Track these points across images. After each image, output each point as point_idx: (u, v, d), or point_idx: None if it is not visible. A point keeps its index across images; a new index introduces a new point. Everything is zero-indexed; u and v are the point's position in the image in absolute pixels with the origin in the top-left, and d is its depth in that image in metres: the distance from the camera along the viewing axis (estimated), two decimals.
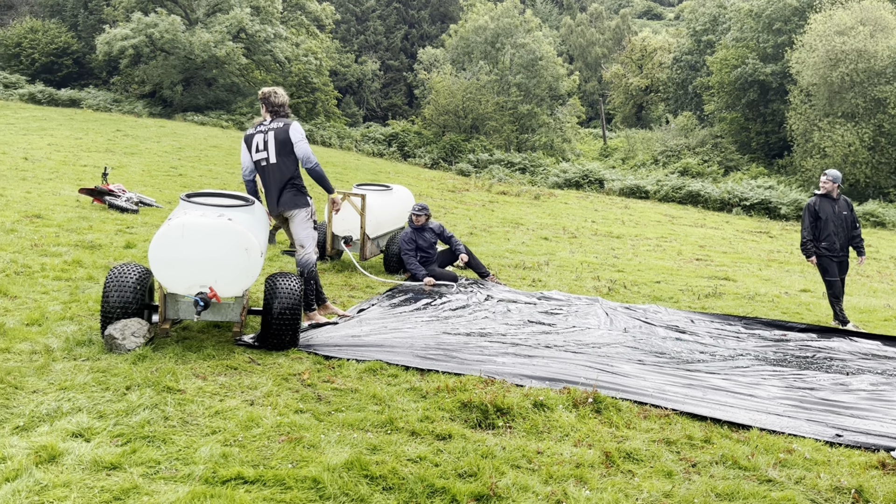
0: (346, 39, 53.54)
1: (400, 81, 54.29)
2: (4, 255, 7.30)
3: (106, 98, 35.80)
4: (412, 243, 8.66)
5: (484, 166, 30.93)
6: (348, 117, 46.84)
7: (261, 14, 38.55)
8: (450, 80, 37.18)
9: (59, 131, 23.86)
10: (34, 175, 14.31)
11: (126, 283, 5.12)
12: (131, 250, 8.51)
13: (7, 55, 38.75)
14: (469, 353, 5.62)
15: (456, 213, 16.78)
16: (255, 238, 5.13)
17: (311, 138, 34.68)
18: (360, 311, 6.82)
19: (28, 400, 3.95)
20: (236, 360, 4.99)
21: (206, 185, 16.46)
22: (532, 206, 20.46)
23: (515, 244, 12.70)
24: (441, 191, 22.19)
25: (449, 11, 57.16)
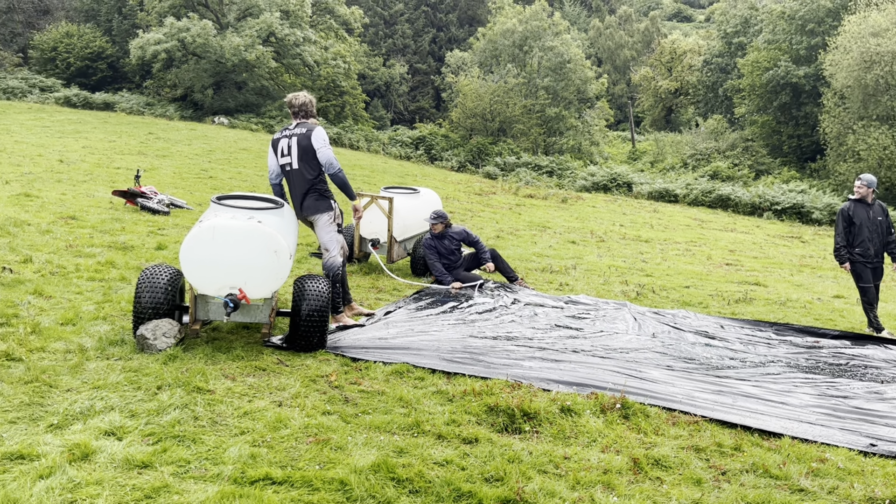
0: (374, 43, 53.83)
1: (427, 85, 54.42)
2: (40, 256, 7.45)
3: (139, 101, 36.38)
4: (433, 250, 8.66)
5: (511, 169, 30.86)
6: (376, 120, 47.07)
7: (290, 18, 38.92)
8: (477, 83, 37.17)
9: (94, 134, 24.31)
10: (69, 177, 14.59)
11: (157, 284, 5.20)
12: (163, 252, 8.63)
13: (43, 59, 39.58)
14: (495, 357, 5.61)
15: (483, 217, 16.77)
16: (284, 240, 5.17)
17: (339, 141, 34.91)
18: (386, 313, 6.85)
19: (62, 398, 4.03)
20: (265, 361, 5.03)
21: (235, 187, 16.66)
22: (559, 210, 20.37)
23: (542, 248, 12.65)
24: (468, 194, 22.18)
25: (477, 15, 57.19)
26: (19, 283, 6.36)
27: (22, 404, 3.89)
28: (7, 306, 5.61)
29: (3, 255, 7.26)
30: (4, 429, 3.58)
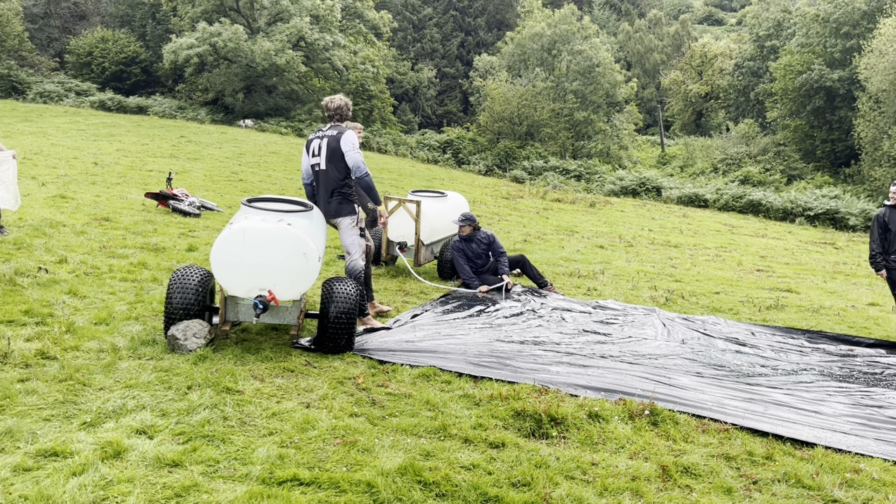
0: (402, 47, 54.05)
1: (455, 88, 54.50)
2: (75, 257, 7.59)
3: (171, 105, 36.94)
4: (461, 253, 8.64)
5: (539, 173, 30.77)
6: (404, 124, 47.25)
7: (320, 23, 39.26)
8: (505, 86, 37.13)
9: (127, 137, 24.73)
10: (103, 179, 14.86)
11: (188, 286, 5.26)
12: (193, 253, 8.74)
13: (79, 64, 40.38)
14: (523, 362, 5.59)
15: (510, 220, 16.73)
16: (313, 243, 5.21)
17: (367, 145, 35.08)
18: (413, 316, 6.86)
19: (95, 397, 4.10)
20: (293, 362, 5.07)
21: (265, 190, 16.82)
22: (587, 214, 20.25)
23: (570, 252, 12.58)
24: (495, 198, 22.16)
25: (505, 19, 57.14)
26: (54, 283, 6.49)
27: (56, 402, 3.96)
28: (42, 306, 5.72)
29: (40, 256, 7.41)
30: (39, 426, 3.65)
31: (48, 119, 27.29)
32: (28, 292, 6.07)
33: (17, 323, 5.24)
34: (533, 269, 8.96)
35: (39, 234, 8.52)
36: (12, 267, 6.69)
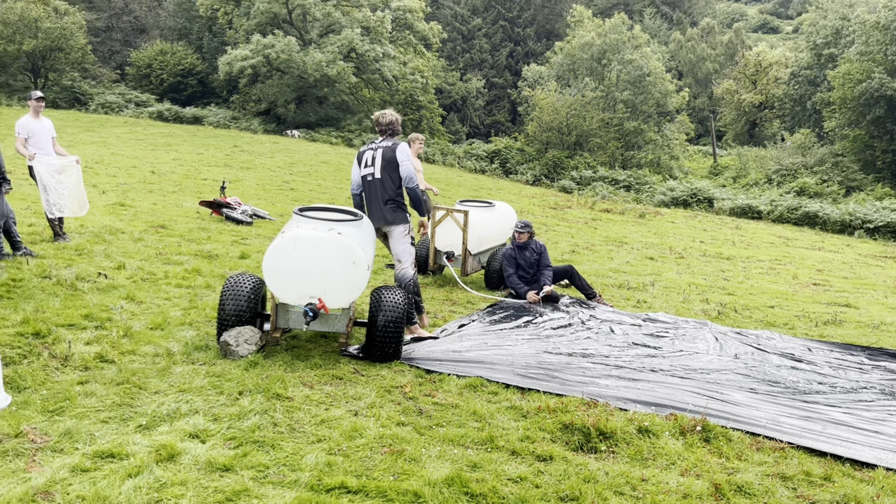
0: (451, 58, 54.33)
1: (503, 98, 54.52)
2: (133, 263, 7.81)
3: (225, 115, 37.84)
4: (512, 261, 8.61)
5: (587, 183, 30.50)
6: (452, 134, 47.44)
7: (371, 34, 39.76)
8: (554, 96, 36.97)
9: (183, 147, 25.40)
10: (160, 188, 15.28)
11: (241, 292, 5.37)
12: (245, 261, 8.91)
13: (139, 76, 41.70)
14: (571, 374, 5.53)
15: (558, 231, 16.62)
16: (362, 252, 5.26)
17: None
18: (460, 326, 6.85)
19: (150, 400, 4.20)
20: (341, 370, 5.11)
21: (315, 199, 17.07)
22: (637, 225, 19.98)
23: (619, 263, 12.42)
24: (543, 208, 22.04)
25: (555, 29, 56.96)
26: (113, 289, 6.69)
27: (113, 404, 4.07)
28: (101, 310, 5.90)
29: (100, 262, 7.65)
30: (97, 427, 3.75)
31: (109, 129, 28.22)
32: (88, 297, 6.27)
33: (77, 327, 5.41)
34: (581, 281, 8.88)
35: (99, 241, 8.80)
36: (74, 272, 6.92)
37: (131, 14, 47.54)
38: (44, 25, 34.86)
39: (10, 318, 5.36)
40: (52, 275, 6.78)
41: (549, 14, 59.46)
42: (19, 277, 6.55)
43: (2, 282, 6.29)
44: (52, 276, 6.76)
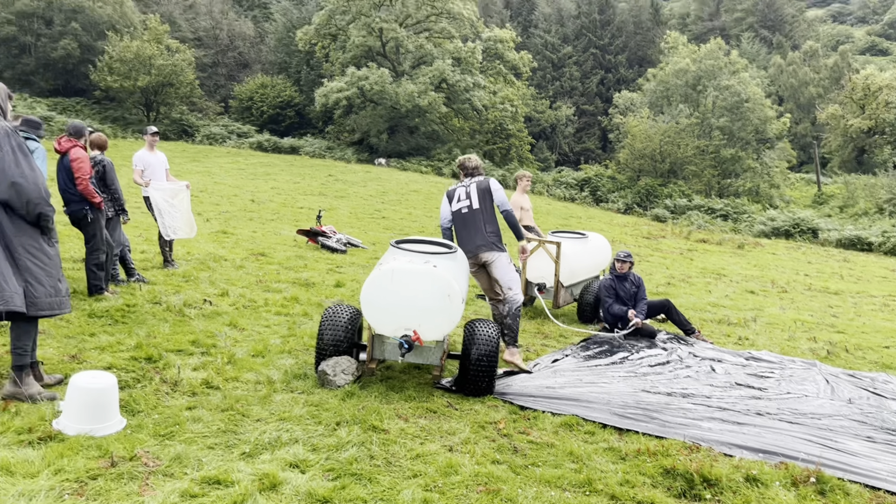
0: (541, 86, 54.40)
1: (594, 126, 54.04)
2: (235, 290, 8.12)
3: (321, 145, 39.15)
4: (612, 291, 8.41)
5: (682, 212, 29.69)
6: (541, 162, 47.35)
7: (462, 65, 40.36)
8: (647, 123, 36.35)
9: (281, 176, 26.40)
10: (259, 216, 15.90)
11: (339, 323, 5.47)
12: (340, 289, 9.11)
13: (241, 108, 43.80)
14: (671, 415, 5.33)
15: (651, 262, 16.20)
16: (457, 284, 5.27)
17: (504, 183, 35.36)
18: (553, 360, 6.75)
19: (253, 428, 4.32)
20: (435, 403, 5.11)
21: (406, 227, 17.32)
22: (735, 256, 19.24)
23: (718, 297, 11.96)
24: (635, 237, 21.57)
25: (647, 55, 56.22)
26: (217, 315, 6.96)
27: (219, 431, 4.21)
28: (207, 336, 6.14)
29: (205, 289, 8.00)
30: (204, 453, 3.88)
31: (213, 159, 29.70)
32: (195, 323, 6.55)
33: (185, 352, 5.65)
34: (679, 315, 8.59)
35: (204, 268, 9.21)
36: (182, 298, 7.26)
37: (236, 50, 50.13)
38: (157, 63, 37.20)
39: (125, 343, 5.66)
40: (162, 301, 7.12)
41: (642, 41, 58.79)
42: (133, 303, 6.92)
43: (118, 307, 6.67)
44: (162, 301, 7.11)
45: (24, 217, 4.24)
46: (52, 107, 37.14)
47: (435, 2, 41.29)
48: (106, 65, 37.39)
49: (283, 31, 48.79)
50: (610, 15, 58.58)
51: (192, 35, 47.50)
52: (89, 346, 5.50)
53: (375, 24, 40.34)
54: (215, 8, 50.76)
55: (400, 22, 41.09)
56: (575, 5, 60.03)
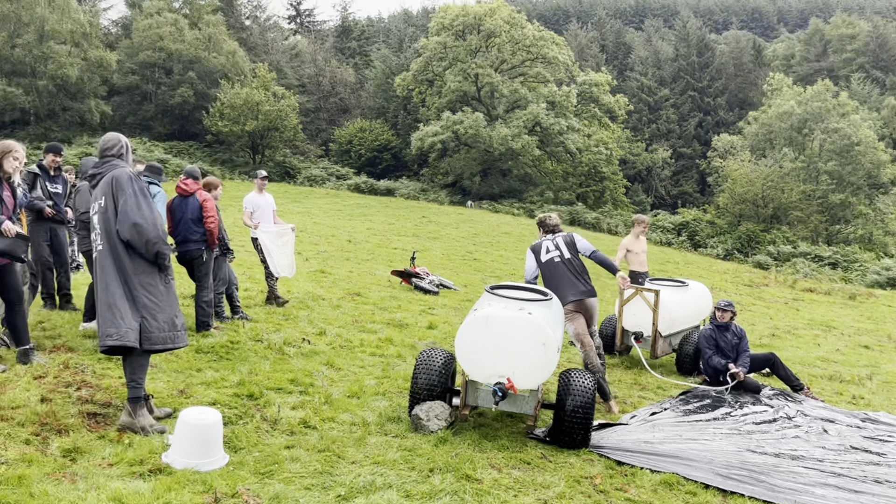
0: (637, 128, 53.77)
1: (692, 169, 52.78)
2: (332, 329, 8.32)
3: (415, 188, 39.98)
4: (712, 341, 8.06)
5: (786, 259, 28.37)
6: (636, 205, 46.52)
7: (556, 108, 40.50)
8: (748, 167, 35.20)
9: (377, 217, 27.05)
10: (355, 256, 16.31)
11: (433, 367, 5.50)
12: (433, 331, 9.16)
13: (340, 151, 45.44)
14: (779, 479, 5.02)
15: (754, 311, 15.50)
16: (552, 333, 5.21)
17: (598, 226, 34.95)
18: (652, 414, 6.52)
19: (348, 470, 4.37)
20: (529, 454, 5.03)
21: (497, 269, 17.32)
22: (846, 308, 18.14)
23: (828, 351, 11.28)
24: (736, 284, 20.73)
25: (748, 97, 54.72)
26: (315, 354, 7.14)
27: (315, 472, 4.28)
28: (305, 375, 6.30)
29: (303, 327, 8.23)
30: (301, 494, 3.95)
31: (312, 200, 30.80)
32: (294, 361, 6.74)
33: (284, 391, 5.81)
34: (785, 370, 8.14)
35: (304, 306, 9.49)
36: (282, 337, 7.50)
37: (337, 96, 52.23)
38: (264, 108, 39.21)
39: (228, 379, 5.88)
40: (264, 338, 7.38)
41: (742, 83, 57.34)
42: (236, 340, 7.19)
43: (222, 343, 6.95)
44: (263, 339, 7.36)
45: (143, 256, 4.54)
46: (167, 150, 39.71)
47: (530, 47, 41.81)
48: (217, 110, 39.72)
49: (382, 78, 50.51)
50: (709, 57, 57.54)
51: (297, 82, 49.88)
52: (196, 382, 5.75)
53: (471, 70, 41.18)
54: (319, 56, 53.20)
55: (495, 67, 41.78)
56: (672, 48, 59.37)
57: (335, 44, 60.79)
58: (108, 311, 4.44)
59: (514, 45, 41.85)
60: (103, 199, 4.57)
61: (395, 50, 56.57)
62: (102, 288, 4.51)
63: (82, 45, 39.73)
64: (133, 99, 44.31)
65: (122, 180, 4.56)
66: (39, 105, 38.27)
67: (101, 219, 4.56)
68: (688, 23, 60.54)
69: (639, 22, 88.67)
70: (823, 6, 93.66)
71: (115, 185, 4.55)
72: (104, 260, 4.54)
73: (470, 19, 41.77)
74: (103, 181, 4.62)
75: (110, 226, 4.52)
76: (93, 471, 3.90)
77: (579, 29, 66.68)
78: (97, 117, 39.87)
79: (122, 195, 4.52)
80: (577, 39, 60.69)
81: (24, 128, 38.64)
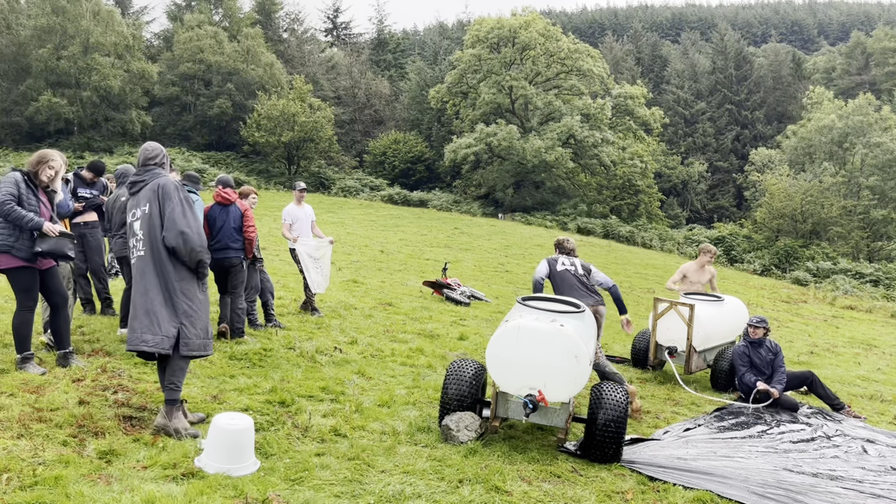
0: (672, 141, 53.27)
1: (728, 183, 52.08)
2: (363, 339, 8.36)
3: (448, 199, 40.05)
4: (746, 358, 7.93)
5: (825, 276, 27.77)
6: (670, 219, 46.02)
7: (590, 121, 40.31)
8: (786, 181, 34.61)
9: (409, 228, 27.15)
10: (387, 266, 16.38)
11: (463, 378, 5.48)
12: (464, 342, 9.14)
13: (374, 162, 45.76)
14: (817, 499, 4.90)
15: (791, 328, 15.19)
16: (584, 346, 5.16)
17: (632, 239, 34.60)
18: (685, 430, 6.42)
19: (377, 479, 4.37)
20: (559, 467, 4.98)
21: (529, 281, 17.23)
22: (888, 326, 17.68)
23: (869, 370, 11.00)
24: (773, 301, 20.36)
25: (787, 111, 53.91)
26: (346, 363, 7.17)
27: (345, 479, 4.29)
28: (336, 383, 6.33)
29: (335, 336, 8.28)
30: (331, 501, 3.96)
31: (346, 210, 31.04)
32: (325, 370, 6.78)
33: (315, 398, 5.84)
34: (824, 389, 7.95)
35: (336, 316, 9.55)
36: (314, 345, 7.55)
37: (372, 108, 52.68)
38: (300, 119, 39.71)
39: (261, 386, 5.93)
40: (296, 346, 7.43)
41: (781, 96, 56.54)
42: (269, 347, 7.26)
43: (255, 350, 7.02)
44: (296, 347, 7.41)
45: (185, 263, 4.63)
46: (205, 160, 40.42)
47: (565, 60, 41.74)
48: (254, 121, 40.33)
49: (417, 90, 50.83)
50: (747, 70, 56.86)
51: (333, 94, 50.45)
52: (229, 388, 5.81)
53: (505, 83, 41.23)
54: (355, 68, 53.76)
55: (529, 80, 41.78)
56: (709, 61, 58.79)
57: (371, 56, 61.37)
58: (146, 317, 4.53)
59: (548, 58, 41.82)
60: (147, 206, 4.66)
61: (430, 62, 56.91)
62: (141, 293, 4.60)
63: (125, 57, 40.74)
64: (173, 110, 45.25)
65: (169, 189, 4.67)
66: (83, 115, 39.28)
67: (146, 225, 4.64)
68: (725, 35, 59.90)
69: (675, 35, 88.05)
70: (865, 19, 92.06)
71: (161, 193, 4.65)
72: (145, 265, 4.63)
73: (505, 32, 41.87)
74: (147, 188, 4.72)
75: (155, 232, 4.62)
76: (127, 473, 3.96)
77: (615, 42, 66.39)
78: (138, 127, 40.79)
79: (169, 203, 4.62)
80: (612, 52, 60.43)
81: (67, 137, 39.69)
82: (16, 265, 5.36)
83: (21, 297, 5.49)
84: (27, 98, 38.52)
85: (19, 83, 39.36)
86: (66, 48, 38.45)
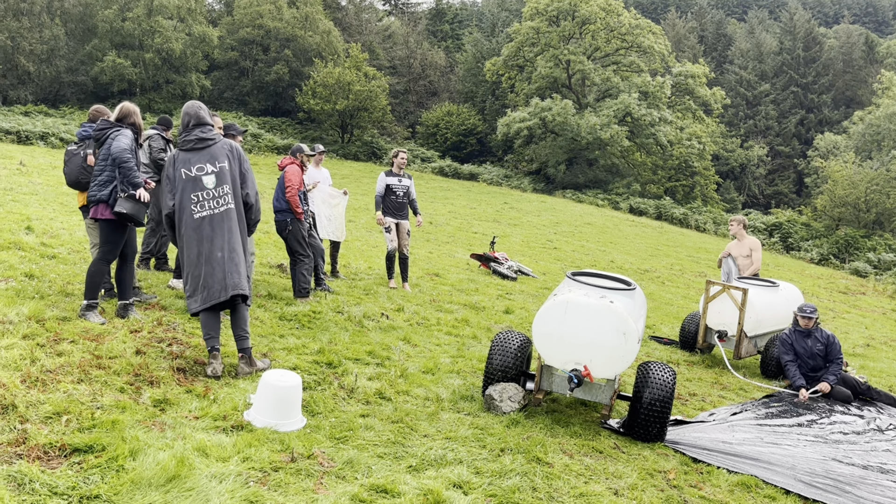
0: (732, 124, 51.84)
1: (789, 168, 50.50)
2: (410, 307, 8.42)
3: (498, 173, 39.81)
4: (789, 347, 7.68)
5: (887, 268, 26.79)
6: (726, 202, 44.93)
7: (648, 99, 39.44)
8: (851, 169, 33.38)
9: (458, 201, 27.12)
10: (435, 238, 16.42)
11: (508, 349, 5.49)
12: (509, 315, 9.14)
13: (427, 134, 45.69)
14: (867, 491, 4.78)
15: (847, 319, 14.75)
16: (634, 323, 5.10)
17: (685, 222, 33.94)
18: (732, 414, 6.32)
19: (420, 443, 4.42)
20: (602, 443, 4.96)
21: (577, 260, 17.10)
22: None
23: None
24: (829, 291, 19.78)
25: (856, 96, 51.83)
26: (393, 329, 7.25)
27: (388, 441, 4.36)
28: (382, 349, 6.41)
29: (383, 303, 8.36)
30: (374, 461, 4.03)
31: None
32: (372, 335, 6.86)
33: (362, 362, 5.93)
34: (878, 391, 7.70)
35: (384, 283, 9.64)
36: (362, 310, 7.64)
37: (427, 79, 52.49)
38: (355, 88, 39.82)
39: (309, 347, 6.04)
40: (344, 311, 7.53)
41: (851, 80, 54.35)
42: (318, 310, 7.38)
43: (305, 312, 7.14)
44: (344, 311, 7.51)
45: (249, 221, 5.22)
46: (261, 125, 40.96)
47: (625, 35, 40.84)
48: (310, 89, 40.61)
49: (472, 62, 50.40)
50: (816, 52, 54.69)
51: (388, 63, 50.39)
52: (278, 347, 5.93)
53: (563, 57, 40.57)
54: (411, 39, 53.56)
55: (588, 55, 41.03)
56: (777, 41, 56.72)
57: (428, 26, 60.99)
58: (233, 265, 4.95)
59: (608, 33, 40.96)
60: (227, 163, 5.05)
61: (487, 34, 56.27)
62: (224, 242, 4.97)
63: (187, 20, 41.36)
64: (231, 74, 45.86)
65: (242, 151, 5.20)
66: (145, 77, 40.14)
67: (229, 180, 5.04)
68: (795, 14, 57.61)
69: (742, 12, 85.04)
70: None
71: (238, 154, 5.16)
72: (229, 218, 5.02)
73: (565, 5, 41.08)
74: (218, 147, 5.09)
75: (237, 188, 5.08)
76: (180, 421, 4.09)
77: (678, 18, 64.53)
78: (197, 91, 41.49)
79: (247, 164, 5.19)
80: (674, 29, 58.81)
81: (129, 98, 40.59)
82: (112, 217, 5.58)
83: (106, 248, 5.69)
84: (92, 58, 39.49)
85: (85, 43, 40.36)
86: (130, 10, 39.23)
